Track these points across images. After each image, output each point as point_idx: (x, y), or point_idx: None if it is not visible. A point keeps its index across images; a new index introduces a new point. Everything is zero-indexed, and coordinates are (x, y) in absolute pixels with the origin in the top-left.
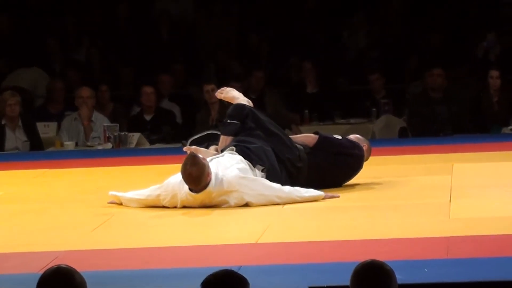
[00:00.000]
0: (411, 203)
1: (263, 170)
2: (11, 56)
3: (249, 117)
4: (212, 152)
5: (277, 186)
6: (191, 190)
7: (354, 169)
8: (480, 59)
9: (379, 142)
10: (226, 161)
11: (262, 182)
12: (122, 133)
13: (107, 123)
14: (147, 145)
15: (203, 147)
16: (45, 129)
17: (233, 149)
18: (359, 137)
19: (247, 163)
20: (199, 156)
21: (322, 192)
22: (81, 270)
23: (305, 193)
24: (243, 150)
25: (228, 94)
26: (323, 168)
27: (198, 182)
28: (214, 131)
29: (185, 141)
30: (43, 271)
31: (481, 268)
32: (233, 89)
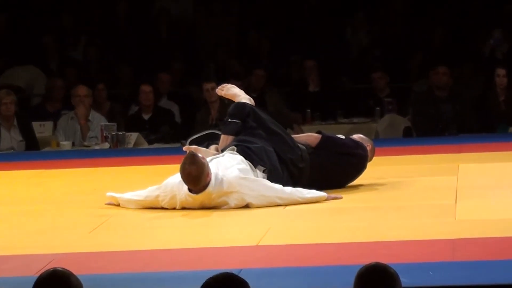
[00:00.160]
0: (415, 204)
1: (264, 170)
2: (7, 54)
3: (250, 116)
4: (212, 152)
5: (278, 187)
6: (191, 190)
7: (358, 170)
8: (486, 57)
9: (383, 142)
10: (226, 161)
11: (263, 182)
12: (120, 133)
13: (104, 122)
14: (145, 145)
15: (203, 146)
16: (41, 128)
17: (234, 149)
18: (362, 137)
19: (248, 163)
20: (198, 155)
21: (324, 193)
22: (77, 273)
23: (307, 194)
24: (244, 150)
25: (229, 92)
26: (325, 169)
27: (197, 181)
28: (214, 131)
29: (184, 140)
30: (38, 274)
31: (488, 271)
32: (234, 86)
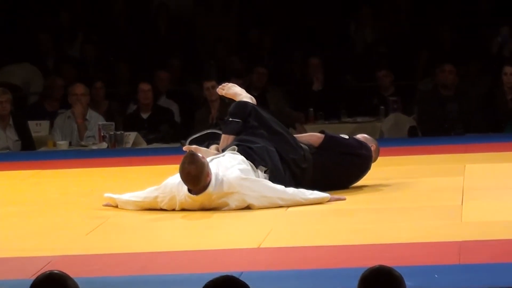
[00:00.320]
0: (421, 205)
1: (266, 171)
2: (2, 51)
3: (251, 115)
4: (213, 152)
5: (280, 187)
6: (190, 191)
7: (362, 170)
8: (493, 54)
9: (387, 142)
10: (227, 161)
11: (265, 183)
12: (118, 132)
13: (102, 121)
14: (144, 144)
15: (203, 146)
16: (37, 127)
17: (234, 148)
18: (366, 136)
19: (249, 163)
20: (198, 154)
21: (327, 194)
22: (74, 276)
23: (310, 195)
24: (245, 150)
25: (229, 91)
26: (329, 169)
27: (197, 181)
28: (215, 130)
29: (184, 140)
30: (34, 277)
31: (495, 274)
32: (235, 85)
